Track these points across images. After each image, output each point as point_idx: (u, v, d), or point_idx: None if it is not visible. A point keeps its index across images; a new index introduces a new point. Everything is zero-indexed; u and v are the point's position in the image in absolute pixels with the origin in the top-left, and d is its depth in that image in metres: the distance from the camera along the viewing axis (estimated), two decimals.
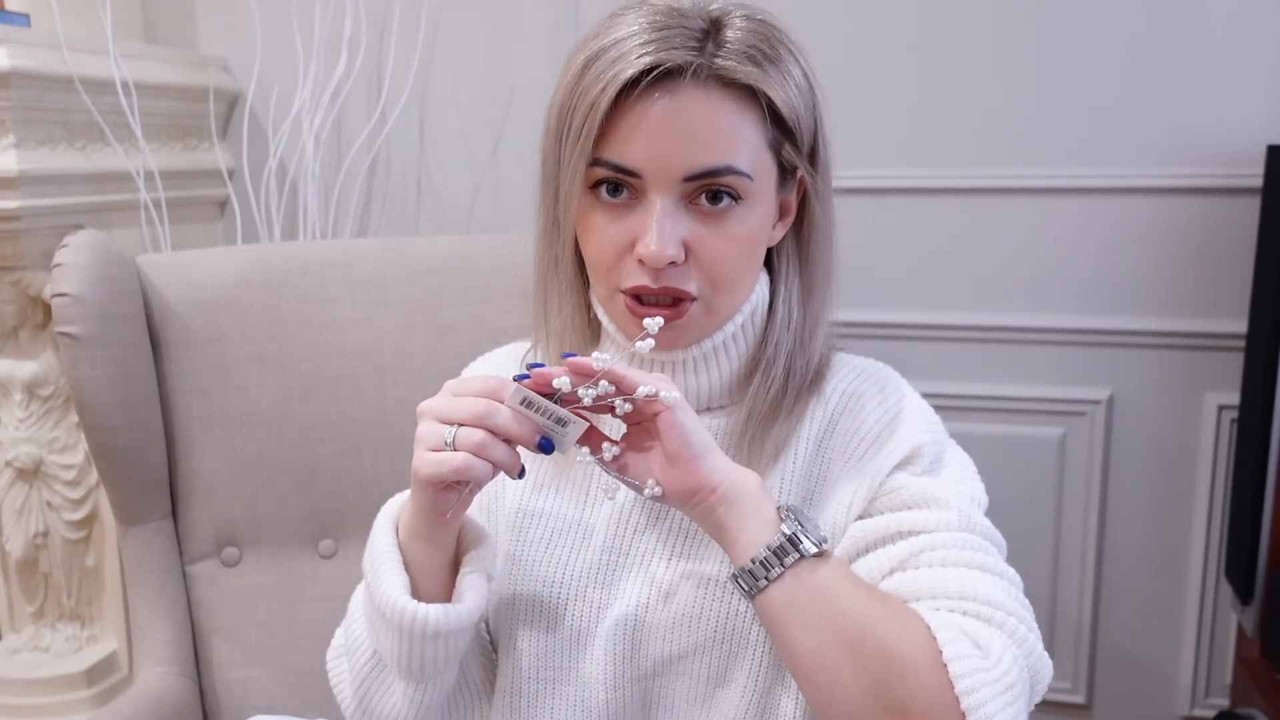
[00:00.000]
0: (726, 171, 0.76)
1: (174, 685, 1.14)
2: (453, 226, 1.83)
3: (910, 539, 0.76)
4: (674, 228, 0.76)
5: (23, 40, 1.41)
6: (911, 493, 0.79)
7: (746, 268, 0.81)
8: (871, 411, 0.83)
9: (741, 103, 0.77)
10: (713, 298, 0.79)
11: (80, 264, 1.10)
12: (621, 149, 0.76)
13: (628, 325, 0.80)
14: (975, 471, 0.85)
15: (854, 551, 0.79)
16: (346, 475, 1.22)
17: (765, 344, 0.84)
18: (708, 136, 0.76)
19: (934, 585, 0.73)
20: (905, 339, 1.67)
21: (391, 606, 0.75)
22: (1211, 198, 1.54)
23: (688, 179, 0.76)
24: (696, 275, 0.78)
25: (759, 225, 0.80)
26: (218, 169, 1.82)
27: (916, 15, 1.59)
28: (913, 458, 0.81)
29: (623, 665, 0.82)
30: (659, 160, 0.75)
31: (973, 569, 0.74)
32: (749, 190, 0.78)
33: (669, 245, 0.75)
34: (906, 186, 1.63)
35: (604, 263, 0.79)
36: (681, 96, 0.75)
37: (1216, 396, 1.58)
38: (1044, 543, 1.65)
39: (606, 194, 0.78)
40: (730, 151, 0.76)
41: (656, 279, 0.76)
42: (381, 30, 1.78)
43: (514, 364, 0.94)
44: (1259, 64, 1.49)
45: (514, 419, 0.70)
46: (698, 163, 0.75)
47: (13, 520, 1.61)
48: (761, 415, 0.82)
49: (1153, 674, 1.67)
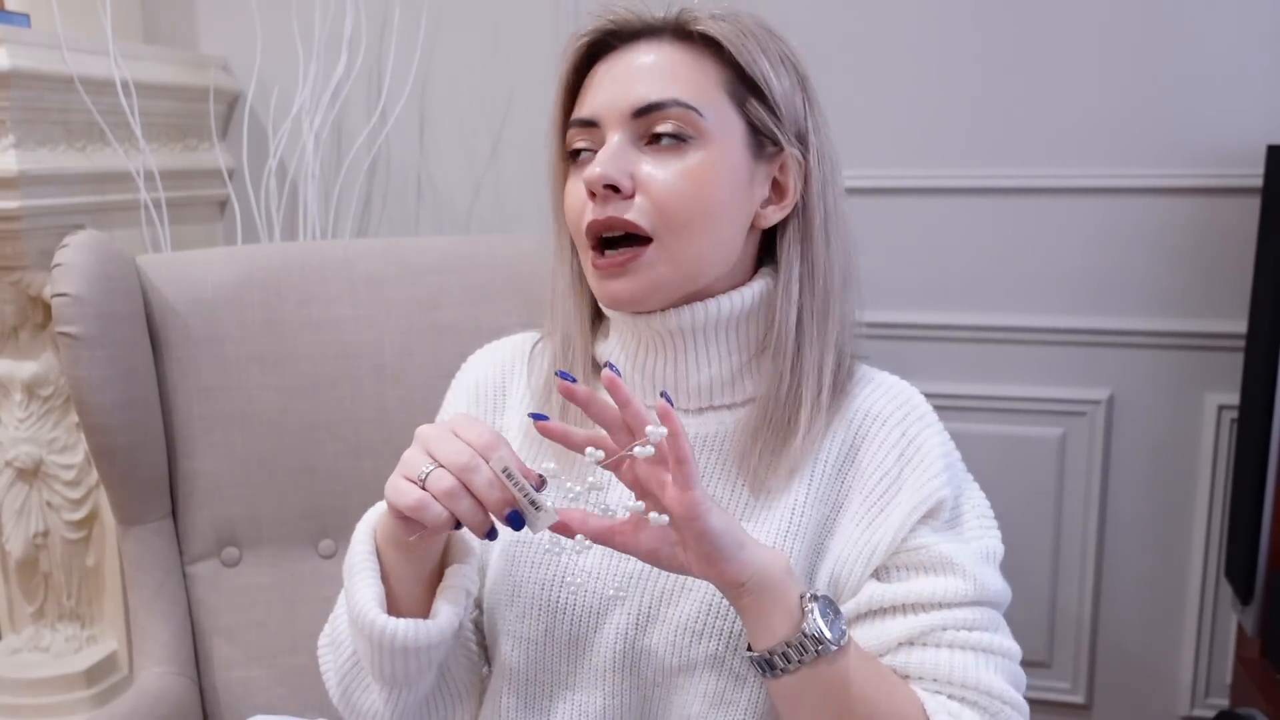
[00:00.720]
0: (671, 104, 0.78)
1: (174, 685, 1.14)
2: (453, 226, 1.83)
3: (925, 614, 0.78)
4: (621, 159, 0.78)
5: (23, 40, 1.41)
6: (931, 554, 0.79)
7: (703, 212, 0.79)
8: (894, 444, 0.83)
9: (700, 55, 0.81)
10: (669, 240, 0.78)
11: (80, 264, 1.10)
12: (583, 106, 0.82)
13: (595, 285, 0.82)
14: (991, 514, 0.86)
15: (868, 609, 0.79)
16: (346, 475, 1.22)
17: (769, 335, 0.83)
18: (656, 75, 0.79)
19: (939, 668, 0.76)
20: (905, 339, 1.67)
21: (362, 618, 0.74)
22: (1211, 198, 1.53)
23: (636, 114, 0.79)
24: (648, 211, 0.78)
25: (716, 168, 0.79)
26: (218, 169, 1.82)
27: (916, 16, 1.59)
28: (935, 511, 0.81)
29: (623, 673, 0.81)
30: (611, 101, 0.80)
31: (979, 653, 0.77)
32: (701, 129, 0.79)
33: (609, 167, 0.77)
34: (906, 186, 1.63)
35: (572, 217, 0.82)
36: (637, 49, 0.81)
37: (1216, 396, 1.57)
38: (1044, 543, 1.65)
39: (577, 160, 0.82)
40: (676, 88, 0.79)
41: (603, 207, 0.78)
42: (381, 30, 1.78)
43: (519, 357, 0.93)
44: (1259, 64, 1.49)
45: (490, 484, 0.68)
46: (643, 96, 0.79)
47: (13, 520, 1.61)
48: (775, 423, 0.81)
49: (1153, 674, 1.67)
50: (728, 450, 0.83)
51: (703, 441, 0.84)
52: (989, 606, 0.80)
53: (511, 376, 0.92)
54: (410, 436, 0.73)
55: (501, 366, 0.93)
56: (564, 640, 0.82)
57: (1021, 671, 0.80)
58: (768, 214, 0.83)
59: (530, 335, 0.95)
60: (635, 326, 0.83)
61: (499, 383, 0.92)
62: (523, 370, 0.92)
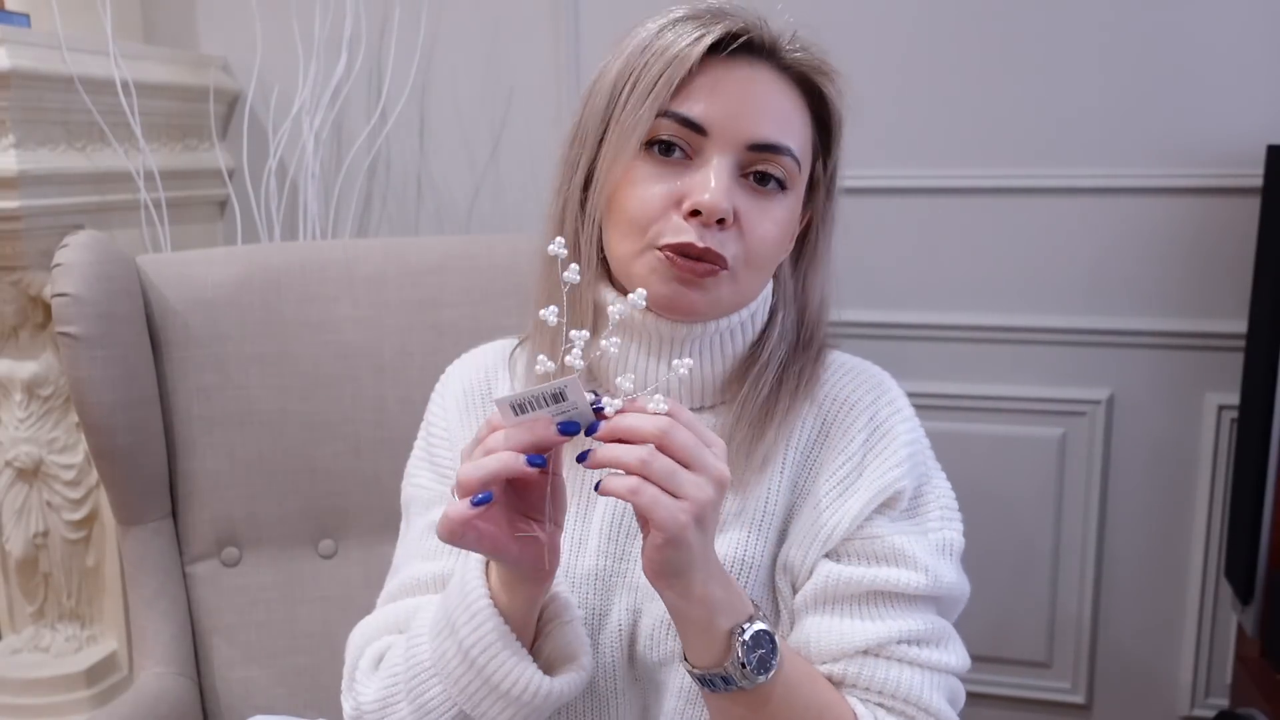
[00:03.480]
0: (786, 151, 0.78)
1: (174, 685, 1.14)
2: (453, 226, 1.83)
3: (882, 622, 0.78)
4: (731, 188, 0.76)
5: (23, 40, 1.41)
6: (884, 545, 0.80)
7: (777, 256, 0.82)
8: (861, 429, 0.83)
9: (800, 98, 0.80)
10: (742, 272, 0.78)
11: (80, 264, 1.10)
12: (693, 104, 0.77)
13: (656, 282, 0.77)
14: (955, 506, 0.86)
15: (824, 597, 0.80)
16: (346, 475, 1.22)
17: (760, 349, 0.84)
18: (776, 113, 0.78)
19: (887, 683, 0.78)
20: (905, 339, 1.67)
21: (526, 689, 0.72)
22: (1211, 198, 1.53)
23: (752, 147, 0.77)
24: (736, 247, 0.77)
25: (791, 221, 0.81)
26: (218, 169, 1.82)
27: (917, 17, 1.59)
28: (894, 501, 0.82)
29: (624, 669, 0.82)
30: (729, 120, 0.76)
31: (926, 670, 0.79)
32: (794, 181, 0.79)
33: (726, 199, 0.75)
34: (907, 186, 1.63)
35: (645, 216, 0.77)
36: (759, 70, 0.78)
37: (1216, 396, 1.57)
38: (1044, 543, 1.65)
39: (659, 153, 0.78)
40: (791, 135, 0.78)
41: (703, 237, 0.75)
42: (381, 30, 1.78)
43: (499, 362, 0.93)
44: (1259, 64, 1.49)
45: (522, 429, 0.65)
46: (766, 133, 0.77)
47: (13, 520, 1.61)
48: (752, 419, 0.82)
49: (1153, 674, 1.67)
50: None
51: None
52: (943, 600, 0.82)
53: (495, 380, 0.92)
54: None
55: (485, 369, 0.93)
56: None
57: (960, 686, 0.82)
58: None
59: (506, 342, 0.95)
60: (648, 325, 0.81)
61: (484, 388, 0.92)
62: (504, 374, 0.92)
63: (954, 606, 0.85)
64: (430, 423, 0.93)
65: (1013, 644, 1.69)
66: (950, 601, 0.84)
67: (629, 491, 0.63)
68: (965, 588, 0.84)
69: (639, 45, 0.79)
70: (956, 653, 0.82)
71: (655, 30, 0.79)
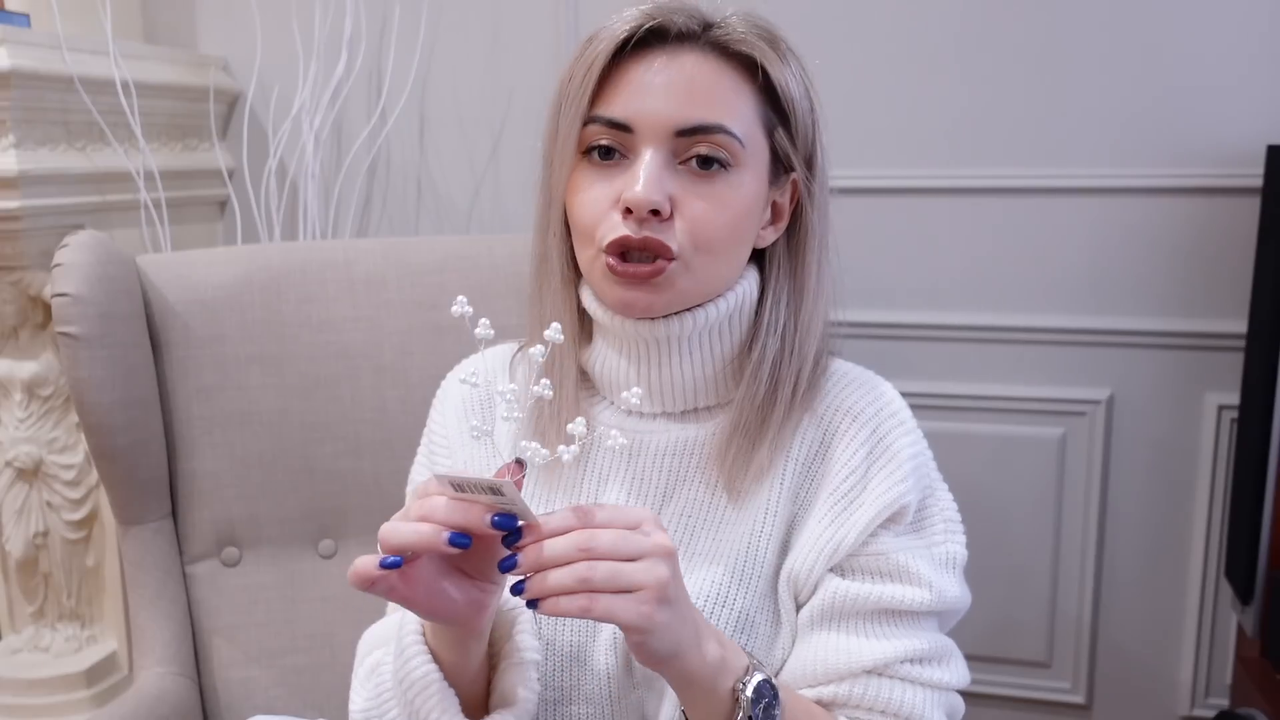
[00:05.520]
0: (718, 129, 0.77)
1: (174, 685, 1.14)
2: (453, 226, 1.83)
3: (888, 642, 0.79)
4: (661, 178, 0.76)
5: (23, 40, 1.41)
6: (889, 562, 0.80)
7: (731, 240, 0.80)
8: (864, 442, 0.83)
9: (739, 74, 0.79)
10: (693, 258, 0.78)
11: (80, 264, 1.10)
12: (614, 104, 0.78)
13: (607, 288, 0.79)
14: (958, 518, 0.86)
15: (831, 614, 0.80)
16: (346, 475, 1.22)
17: (752, 346, 0.83)
18: (703, 95, 0.77)
19: (890, 702, 0.79)
20: (905, 339, 1.67)
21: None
22: (1211, 198, 1.53)
23: (679, 133, 0.77)
24: (680, 234, 0.77)
25: (747, 200, 0.79)
26: (218, 169, 1.82)
27: (916, 15, 1.59)
28: (899, 516, 0.82)
29: (620, 675, 0.81)
30: (651, 113, 0.77)
31: (928, 690, 0.80)
32: (740, 158, 0.78)
33: (654, 190, 0.75)
34: (906, 186, 1.63)
35: (589, 219, 0.78)
36: (680, 58, 0.78)
37: (1216, 396, 1.57)
38: (1044, 543, 1.65)
39: (598, 157, 0.79)
40: (724, 112, 0.77)
41: (639, 228, 0.76)
42: (381, 30, 1.78)
43: (500, 367, 0.93)
44: (1259, 64, 1.49)
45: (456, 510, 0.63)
46: (690, 117, 0.76)
47: (13, 520, 1.61)
48: (748, 427, 0.81)
49: (1153, 674, 1.67)
50: (707, 454, 0.84)
51: (684, 445, 0.84)
52: (945, 614, 0.83)
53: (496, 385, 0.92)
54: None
55: (485, 376, 0.93)
56: (565, 654, 0.82)
57: (960, 700, 0.83)
58: (765, 235, 0.84)
59: (507, 346, 0.95)
60: (625, 331, 0.82)
61: (486, 393, 0.92)
62: (505, 380, 0.92)
63: (954, 618, 0.86)
64: (431, 430, 0.94)
65: (1013, 644, 1.69)
66: (952, 614, 0.85)
67: (582, 611, 0.61)
68: (967, 600, 0.85)
69: (574, 57, 0.81)
70: (957, 670, 0.82)
71: (586, 40, 0.80)
